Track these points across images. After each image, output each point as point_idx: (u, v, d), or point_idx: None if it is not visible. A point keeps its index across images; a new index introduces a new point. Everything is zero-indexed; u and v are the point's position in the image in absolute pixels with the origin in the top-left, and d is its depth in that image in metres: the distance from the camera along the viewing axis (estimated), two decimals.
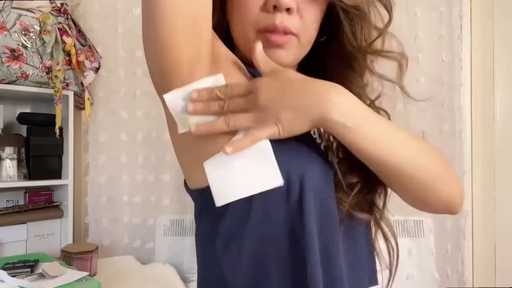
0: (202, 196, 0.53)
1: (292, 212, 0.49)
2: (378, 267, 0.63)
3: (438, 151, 0.54)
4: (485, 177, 1.38)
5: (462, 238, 1.32)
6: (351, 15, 0.56)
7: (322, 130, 0.60)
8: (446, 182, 0.53)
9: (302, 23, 0.54)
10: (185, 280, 1.33)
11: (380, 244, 0.62)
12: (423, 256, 1.29)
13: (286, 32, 0.53)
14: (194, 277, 1.29)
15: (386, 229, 0.61)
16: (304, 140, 0.52)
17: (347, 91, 0.48)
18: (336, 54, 0.60)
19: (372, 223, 0.60)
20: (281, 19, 0.52)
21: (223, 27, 0.58)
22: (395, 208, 0.73)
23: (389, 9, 0.58)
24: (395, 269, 0.62)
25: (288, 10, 0.52)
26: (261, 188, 0.46)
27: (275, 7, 0.51)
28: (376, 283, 0.62)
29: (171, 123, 0.52)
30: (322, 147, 0.58)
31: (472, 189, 1.37)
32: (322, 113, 0.45)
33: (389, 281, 0.61)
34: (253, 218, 0.49)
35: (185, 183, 0.60)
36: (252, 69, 0.55)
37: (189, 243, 1.42)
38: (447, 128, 1.34)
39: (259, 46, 0.50)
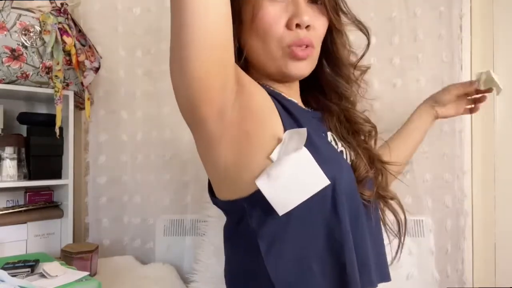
0: (244, 204, 0.58)
1: (328, 211, 0.55)
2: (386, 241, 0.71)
3: None
4: (485, 177, 1.38)
5: (462, 238, 1.32)
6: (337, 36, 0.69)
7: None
8: None
9: (315, 36, 0.64)
10: (185, 280, 1.33)
11: (389, 217, 0.71)
12: (423, 256, 1.29)
13: (308, 45, 0.62)
14: (194, 277, 1.29)
15: (394, 205, 0.69)
16: (327, 146, 0.61)
17: None
18: (329, 64, 0.71)
19: (382, 204, 0.69)
20: (304, 34, 0.61)
21: (240, 53, 0.65)
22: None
23: (367, 35, 0.72)
24: (404, 238, 0.71)
25: (307, 27, 0.61)
26: (313, 191, 0.51)
27: (297, 25, 0.60)
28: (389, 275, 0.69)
29: (202, 145, 0.59)
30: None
31: (472, 189, 1.37)
32: None
33: (398, 247, 0.71)
34: (294, 221, 0.54)
35: (212, 197, 0.65)
36: (267, 85, 0.65)
37: (189, 243, 1.42)
38: (447, 128, 1.34)
39: None
